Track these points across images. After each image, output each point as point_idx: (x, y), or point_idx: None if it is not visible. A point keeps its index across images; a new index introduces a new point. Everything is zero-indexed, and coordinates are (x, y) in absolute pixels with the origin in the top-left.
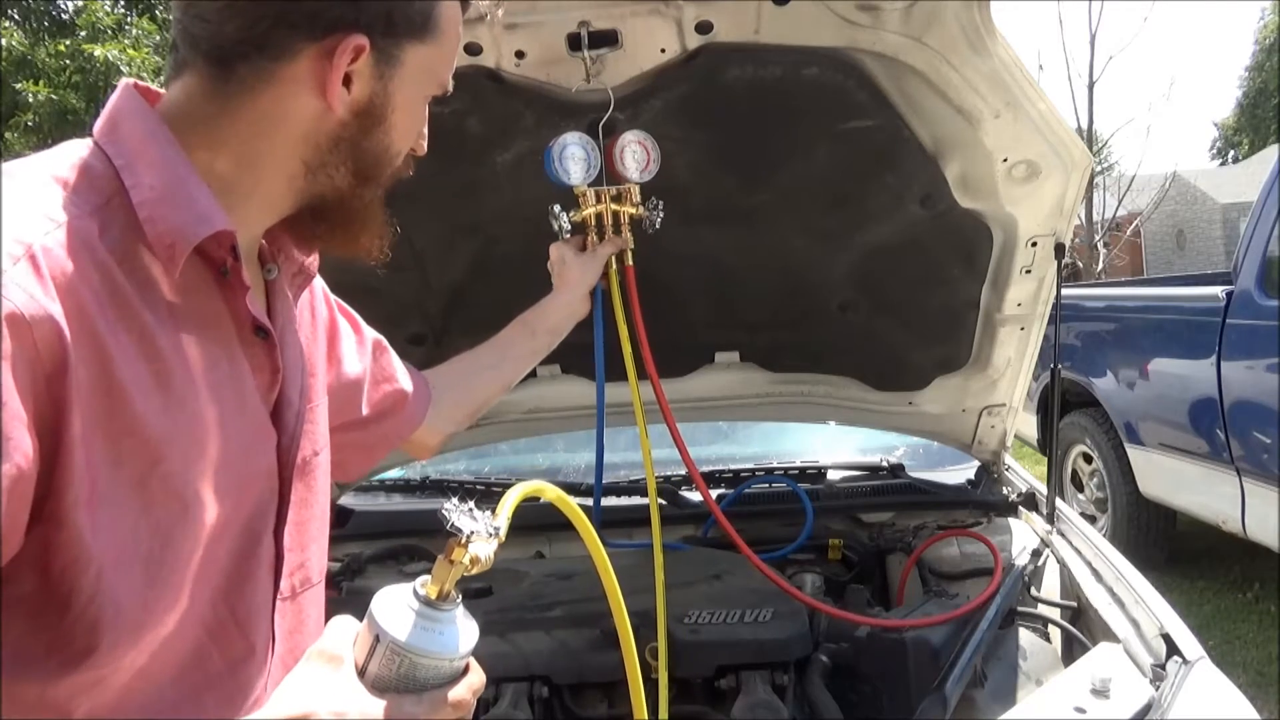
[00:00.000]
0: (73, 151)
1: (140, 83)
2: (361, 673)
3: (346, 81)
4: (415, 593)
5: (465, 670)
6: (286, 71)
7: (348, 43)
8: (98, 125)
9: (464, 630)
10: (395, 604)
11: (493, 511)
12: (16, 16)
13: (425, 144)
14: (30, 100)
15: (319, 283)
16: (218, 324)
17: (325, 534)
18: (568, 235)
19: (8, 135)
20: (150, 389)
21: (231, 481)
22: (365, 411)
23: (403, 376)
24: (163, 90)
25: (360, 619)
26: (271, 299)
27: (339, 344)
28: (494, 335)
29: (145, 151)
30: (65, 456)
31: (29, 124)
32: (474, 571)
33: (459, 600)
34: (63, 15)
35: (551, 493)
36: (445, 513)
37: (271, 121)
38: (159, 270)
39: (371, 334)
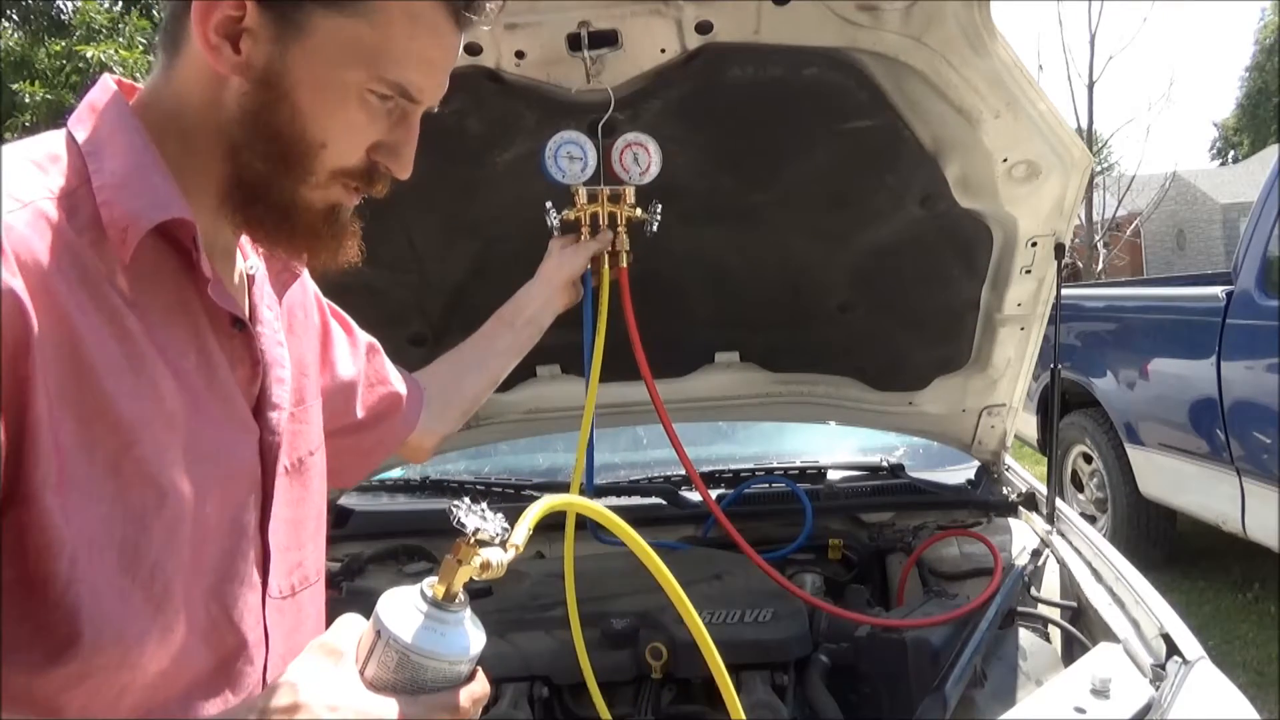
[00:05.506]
0: (46, 140)
1: (120, 79)
2: (362, 670)
3: (236, 38)
4: (422, 593)
5: (472, 678)
6: (192, 30)
7: None
8: (72, 116)
9: (471, 635)
10: (401, 603)
11: (505, 515)
12: (16, 17)
13: (402, 161)
14: (28, 101)
15: (310, 285)
16: (186, 314)
17: (322, 534)
18: (557, 233)
19: (6, 136)
20: (121, 370)
21: (211, 473)
22: (360, 415)
23: (396, 379)
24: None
25: (365, 617)
26: (253, 295)
27: (331, 347)
28: None
29: (112, 140)
30: (31, 434)
31: (26, 125)
32: (484, 577)
33: (467, 603)
34: (61, 16)
35: (580, 504)
36: (454, 509)
37: (190, 89)
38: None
39: (364, 337)
